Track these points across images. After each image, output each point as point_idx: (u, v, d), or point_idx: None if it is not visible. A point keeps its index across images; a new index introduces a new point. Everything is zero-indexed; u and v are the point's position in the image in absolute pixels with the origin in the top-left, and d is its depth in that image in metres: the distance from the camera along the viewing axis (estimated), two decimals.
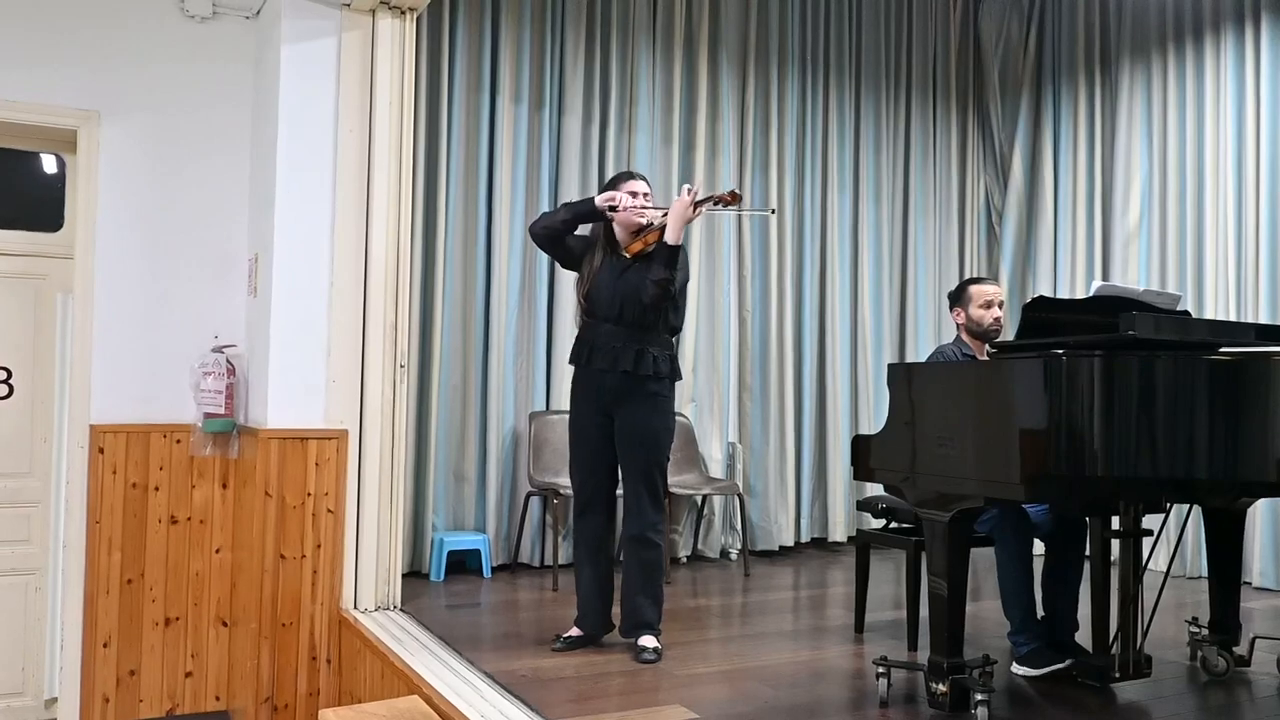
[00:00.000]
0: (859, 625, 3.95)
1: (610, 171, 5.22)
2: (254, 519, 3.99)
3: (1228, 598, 3.44)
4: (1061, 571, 3.44)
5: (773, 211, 3.56)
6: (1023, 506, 3.33)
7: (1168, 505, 3.34)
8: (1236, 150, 5.24)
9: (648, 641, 3.47)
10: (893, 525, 4.02)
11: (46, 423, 4.38)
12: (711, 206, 3.51)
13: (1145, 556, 3.15)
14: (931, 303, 6.30)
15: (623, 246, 3.60)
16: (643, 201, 3.61)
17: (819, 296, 6.03)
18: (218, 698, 4.35)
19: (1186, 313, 3.23)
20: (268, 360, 4.02)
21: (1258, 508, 4.76)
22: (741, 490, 5.49)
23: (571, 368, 3.72)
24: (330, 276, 4.06)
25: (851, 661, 3.55)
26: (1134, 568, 3.07)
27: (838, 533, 5.96)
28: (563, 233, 3.66)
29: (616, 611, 3.63)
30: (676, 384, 3.66)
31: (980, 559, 3.61)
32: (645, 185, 3.67)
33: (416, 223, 4.78)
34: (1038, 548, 3.41)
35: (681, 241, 3.49)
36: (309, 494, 4.01)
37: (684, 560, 5.49)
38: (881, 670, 3.04)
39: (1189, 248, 5.44)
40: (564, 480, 4.31)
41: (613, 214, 3.58)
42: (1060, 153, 6.21)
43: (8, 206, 4.40)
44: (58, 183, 4.46)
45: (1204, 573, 4.77)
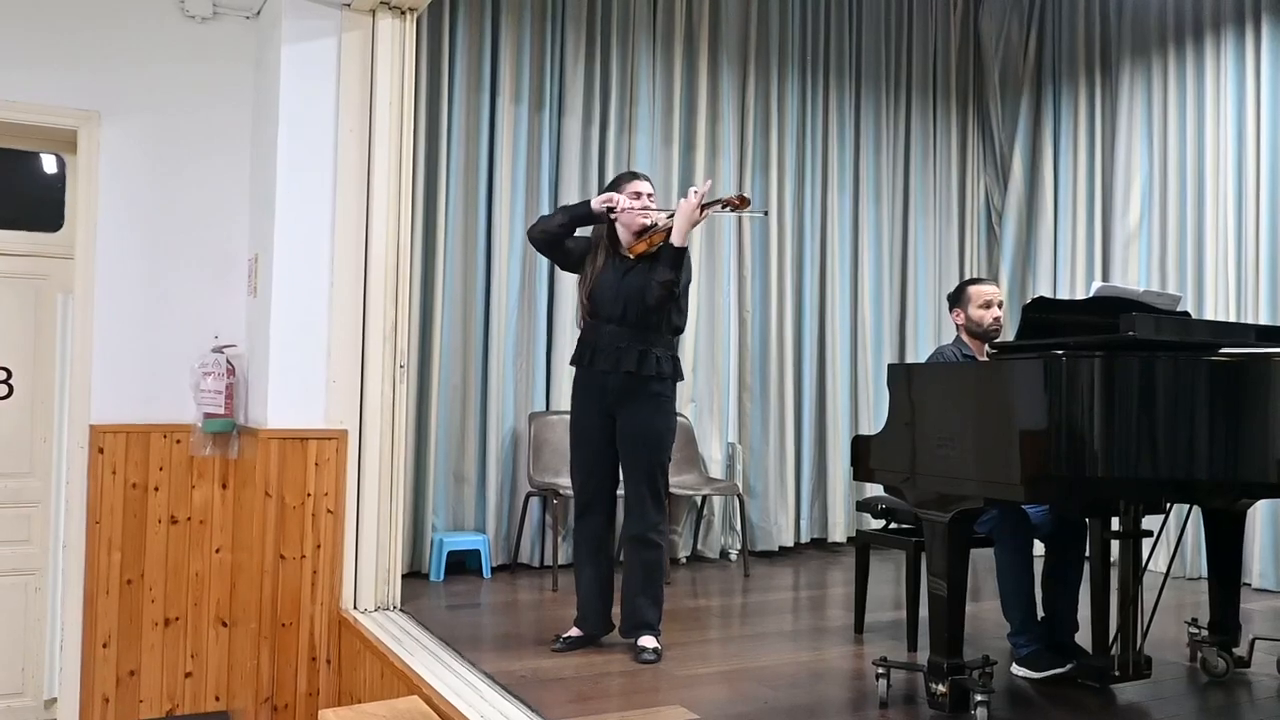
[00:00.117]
0: (859, 626, 3.95)
1: (610, 172, 5.22)
2: (254, 519, 3.99)
3: (1228, 599, 3.44)
4: (1061, 572, 3.44)
5: (765, 213, 3.57)
6: (1022, 507, 3.33)
7: (1168, 506, 3.34)
8: (1236, 151, 5.24)
9: (648, 642, 3.47)
10: (892, 526, 4.02)
11: (47, 423, 4.38)
12: (719, 209, 3.50)
13: (1145, 557, 3.15)
14: (931, 303, 6.30)
15: (625, 247, 3.60)
16: (646, 202, 3.61)
17: (819, 296, 6.03)
18: (217, 698, 4.35)
19: (1186, 313, 3.23)
20: (268, 360, 4.02)
21: (1258, 509, 4.76)
22: (741, 491, 5.48)
23: (571, 368, 3.72)
24: (330, 276, 4.06)
25: (851, 662, 3.55)
26: (1134, 568, 3.07)
27: (837, 533, 5.96)
28: (560, 236, 3.65)
29: (616, 612, 3.63)
30: (677, 384, 3.66)
31: (980, 559, 3.61)
32: (649, 186, 3.67)
33: (416, 223, 4.78)
34: (1038, 548, 3.41)
35: (688, 243, 3.49)
36: (309, 494, 4.01)
37: (684, 561, 5.49)
38: (881, 671, 3.04)
39: (1189, 248, 5.44)
40: (564, 480, 4.31)
41: (613, 216, 3.58)
42: (1060, 153, 6.21)
43: (8, 207, 4.40)
44: (58, 183, 4.46)
45: (1204, 573, 4.77)
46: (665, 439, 3.57)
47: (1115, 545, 3.13)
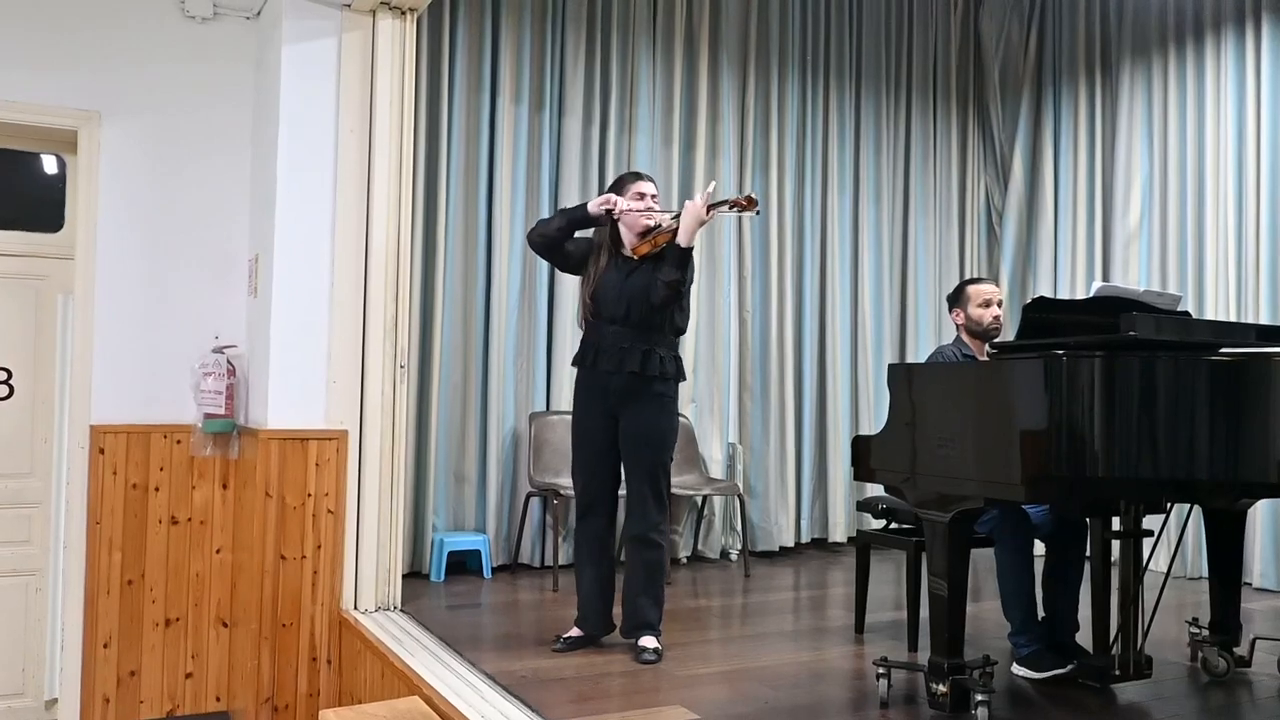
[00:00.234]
0: (859, 626, 3.95)
1: (611, 172, 5.23)
2: (254, 520, 3.99)
3: (1228, 598, 3.43)
4: (1062, 572, 3.43)
5: (758, 212, 3.58)
6: (1023, 507, 3.33)
7: (1168, 506, 3.34)
8: (1237, 150, 5.24)
9: (648, 642, 3.47)
10: (893, 526, 4.02)
11: (47, 423, 4.38)
12: (726, 210, 3.50)
13: (1146, 557, 3.15)
14: (931, 303, 6.30)
15: (629, 248, 3.60)
16: (649, 203, 3.61)
17: (819, 296, 6.03)
18: (218, 698, 4.36)
19: (1187, 313, 3.23)
20: (268, 361, 4.02)
21: (1258, 508, 4.76)
22: (742, 491, 5.48)
23: (572, 368, 3.71)
24: (330, 277, 4.06)
25: (852, 662, 3.55)
26: (1134, 568, 3.07)
27: (838, 533, 5.96)
28: (559, 240, 3.64)
29: (617, 612, 3.63)
30: (679, 385, 3.66)
31: (980, 559, 3.61)
32: (653, 186, 3.66)
33: (416, 223, 4.78)
34: (1038, 548, 3.41)
35: (694, 244, 3.49)
36: (309, 494, 4.01)
37: (684, 561, 5.49)
38: (882, 671, 3.04)
39: (1189, 248, 5.44)
40: (564, 481, 4.31)
41: (614, 217, 3.58)
42: (1060, 153, 6.21)
43: (8, 207, 4.41)
44: (58, 183, 4.46)
45: (1204, 573, 4.77)
46: (668, 439, 3.57)
47: (1116, 545, 3.13)
